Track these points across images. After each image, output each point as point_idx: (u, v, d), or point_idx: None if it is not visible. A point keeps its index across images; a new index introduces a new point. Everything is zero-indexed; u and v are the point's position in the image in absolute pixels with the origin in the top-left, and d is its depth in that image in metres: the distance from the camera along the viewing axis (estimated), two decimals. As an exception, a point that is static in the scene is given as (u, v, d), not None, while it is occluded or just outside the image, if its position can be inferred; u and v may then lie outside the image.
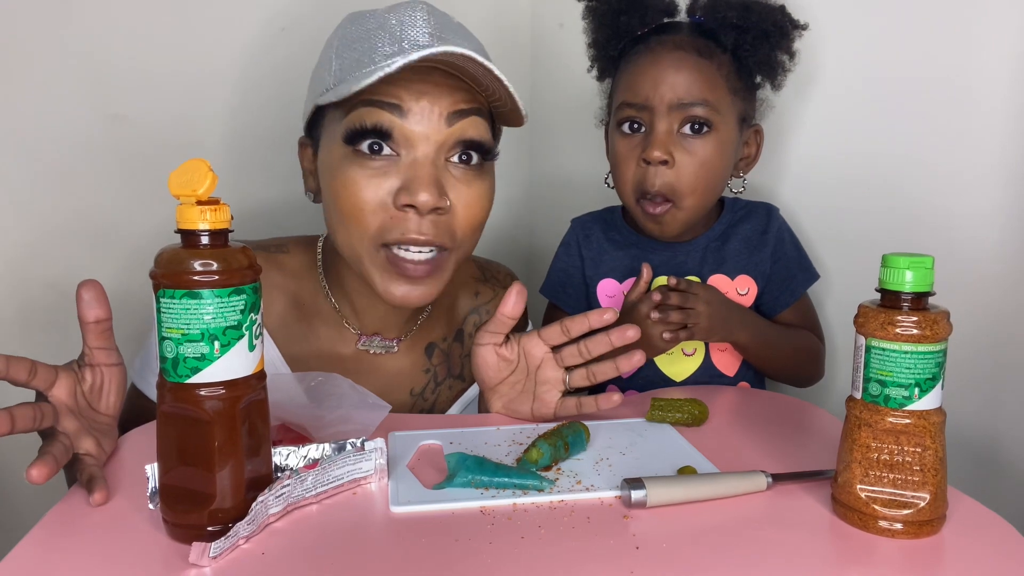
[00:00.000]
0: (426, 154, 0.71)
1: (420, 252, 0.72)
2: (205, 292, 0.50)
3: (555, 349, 0.75)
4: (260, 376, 0.54)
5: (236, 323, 0.51)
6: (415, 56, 0.65)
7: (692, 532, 0.55)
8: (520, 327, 0.92)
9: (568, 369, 0.75)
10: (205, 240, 0.51)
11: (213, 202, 0.52)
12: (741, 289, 0.92)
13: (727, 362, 0.92)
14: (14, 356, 0.59)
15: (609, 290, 0.95)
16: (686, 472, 0.63)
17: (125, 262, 1.02)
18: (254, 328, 0.53)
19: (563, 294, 0.99)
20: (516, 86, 0.69)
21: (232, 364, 0.51)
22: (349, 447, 0.62)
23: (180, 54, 1.03)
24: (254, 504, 0.52)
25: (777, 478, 0.61)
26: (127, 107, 1.01)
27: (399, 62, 0.65)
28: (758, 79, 0.90)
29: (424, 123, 0.71)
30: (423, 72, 0.70)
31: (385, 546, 0.53)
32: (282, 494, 0.55)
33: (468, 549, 0.52)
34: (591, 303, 0.96)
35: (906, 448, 0.54)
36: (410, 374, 0.86)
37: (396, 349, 0.85)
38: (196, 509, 0.51)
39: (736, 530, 0.55)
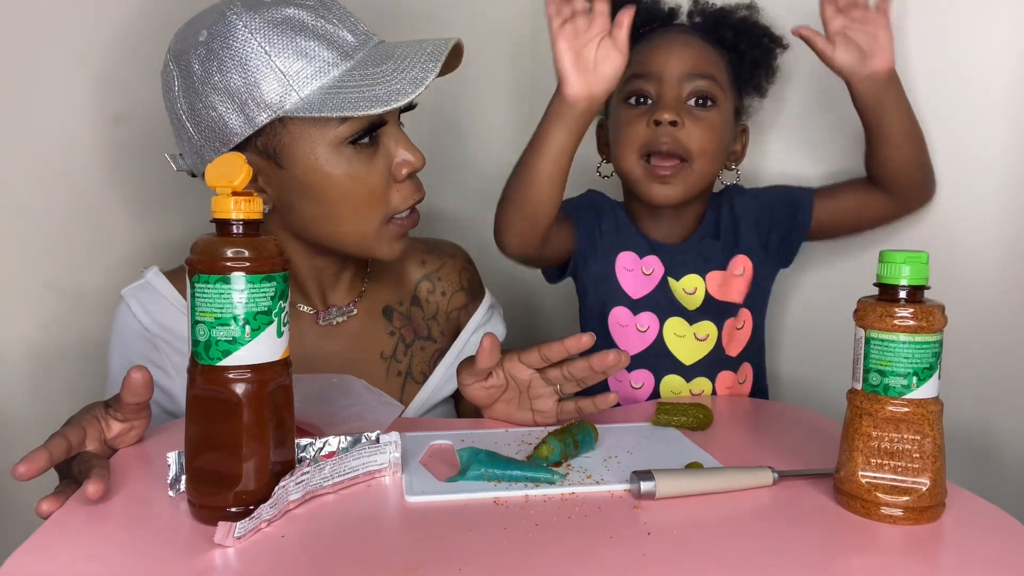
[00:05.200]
0: (396, 125, 0.84)
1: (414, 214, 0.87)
2: (238, 277, 0.56)
3: (540, 370, 0.80)
4: (286, 363, 0.59)
5: (266, 309, 0.57)
6: (430, 79, 0.78)
7: (702, 521, 0.60)
8: (478, 293, 1.02)
9: None
10: (238, 229, 0.57)
11: (247, 193, 0.57)
12: (736, 271, 0.98)
13: (735, 343, 0.99)
14: (51, 441, 0.65)
15: (628, 263, 0.99)
16: (694, 468, 0.68)
17: (125, 262, 1.07)
18: (283, 315, 0.58)
19: (588, 215, 1.01)
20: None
21: (261, 348, 0.57)
22: (364, 440, 0.67)
23: None
24: (276, 488, 0.56)
25: (783, 475, 0.66)
26: (128, 108, 1.07)
27: (411, 91, 0.77)
28: (748, 81, 0.99)
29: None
30: None
31: (401, 533, 0.57)
32: (302, 481, 0.59)
33: (483, 536, 0.56)
34: (608, 274, 0.99)
35: (906, 436, 0.60)
36: (374, 338, 0.94)
37: (355, 311, 0.93)
38: (222, 491, 0.56)
39: (744, 520, 0.60)
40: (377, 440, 0.66)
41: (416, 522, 0.59)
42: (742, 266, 0.98)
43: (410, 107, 0.86)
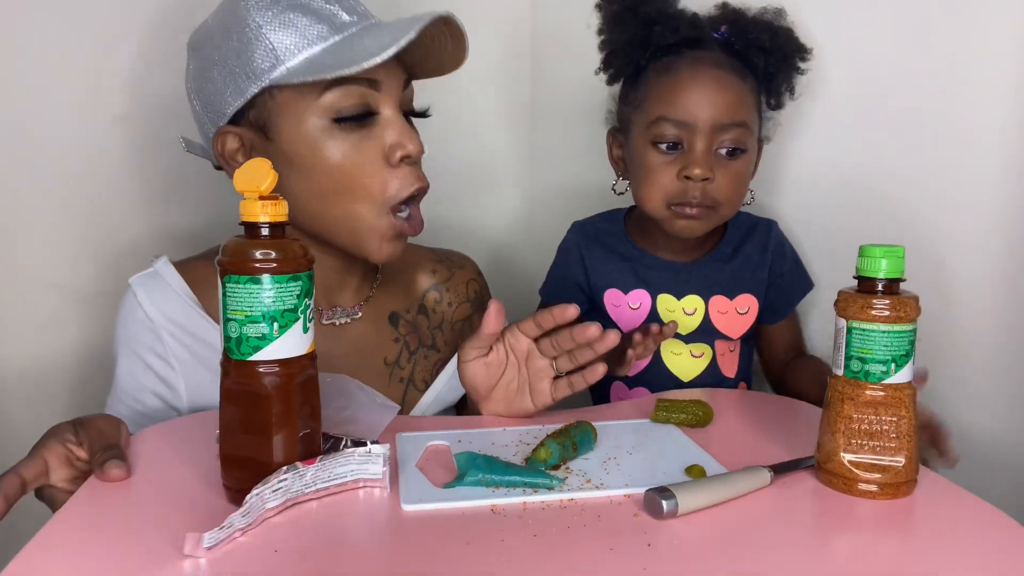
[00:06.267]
0: (396, 112, 0.85)
1: (414, 209, 0.87)
2: (266, 278, 0.60)
3: (536, 339, 0.83)
4: (312, 356, 0.64)
5: (293, 307, 0.61)
6: (403, 42, 0.77)
7: (702, 530, 0.60)
8: (484, 306, 1.03)
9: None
10: (266, 231, 0.61)
11: (273, 197, 0.61)
12: (741, 308, 1.01)
13: (728, 364, 1.02)
14: (4, 481, 0.63)
15: (615, 299, 1.03)
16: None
17: (126, 262, 1.07)
18: (308, 312, 0.62)
19: (562, 299, 1.07)
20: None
21: (289, 344, 0.61)
22: (352, 447, 0.66)
23: (181, 57, 1.11)
24: (249, 497, 0.56)
25: (777, 471, 0.68)
26: (130, 109, 1.10)
27: (403, 39, 0.76)
28: (771, 100, 0.99)
29: (392, 87, 0.84)
30: None
31: (398, 544, 0.58)
32: (279, 488, 0.59)
33: (480, 549, 0.57)
34: (596, 309, 1.05)
35: (883, 418, 0.66)
36: (379, 343, 0.96)
37: (360, 315, 0.95)
38: (254, 476, 0.59)
39: (745, 525, 0.61)
40: (369, 451, 0.65)
41: (413, 533, 0.59)
42: (748, 305, 1.01)
43: (423, 114, 0.89)
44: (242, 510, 0.56)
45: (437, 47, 0.85)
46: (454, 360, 0.98)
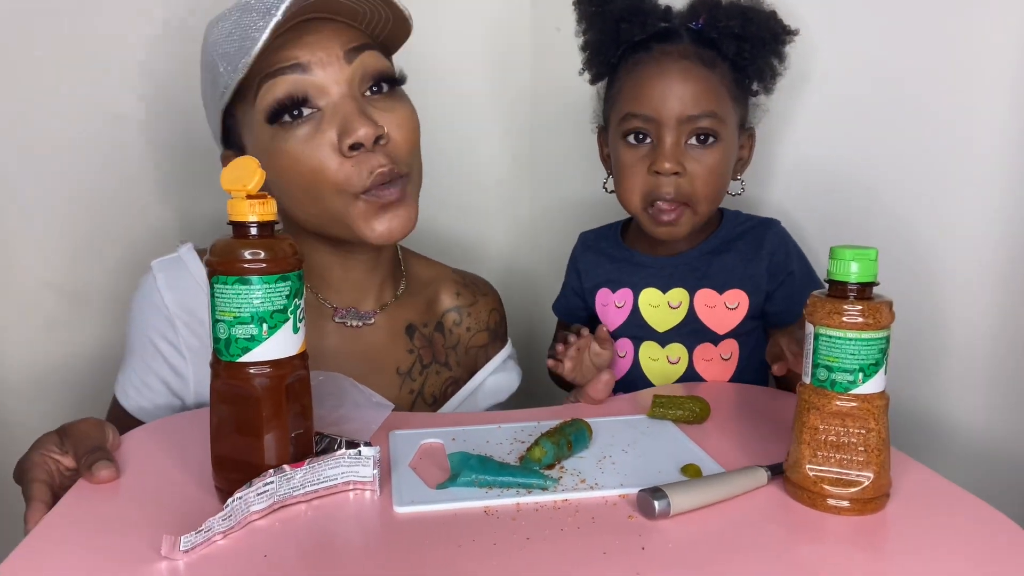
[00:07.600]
0: (343, 94, 0.80)
1: (390, 188, 0.82)
2: (254, 279, 0.59)
3: None
4: (303, 356, 0.63)
5: (282, 307, 0.61)
6: (285, 4, 0.74)
7: (697, 533, 0.59)
8: (501, 337, 1.06)
9: None
10: (254, 231, 0.61)
11: (261, 196, 0.61)
12: (730, 303, 0.98)
13: (714, 373, 0.99)
14: (29, 517, 0.63)
15: (604, 299, 1.03)
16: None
17: (125, 262, 1.09)
18: (298, 312, 0.62)
19: (566, 310, 1.10)
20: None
21: (279, 345, 0.60)
22: (343, 449, 0.65)
23: (182, 54, 1.10)
24: (230, 500, 0.56)
25: (775, 471, 0.67)
26: (129, 107, 1.10)
27: (277, 17, 0.74)
28: (754, 86, 0.98)
29: (327, 68, 0.80)
30: (304, 27, 0.80)
31: (389, 547, 0.57)
32: (265, 491, 0.59)
33: (473, 551, 0.56)
34: (592, 313, 1.05)
35: (851, 430, 0.62)
36: (393, 352, 0.95)
37: (373, 321, 0.94)
38: (247, 477, 0.59)
39: (742, 528, 0.60)
40: (359, 453, 0.65)
41: (404, 535, 0.59)
42: (738, 301, 0.98)
43: (396, 80, 0.85)
44: (222, 513, 0.56)
45: (373, 14, 0.83)
46: (464, 389, 0.99)
